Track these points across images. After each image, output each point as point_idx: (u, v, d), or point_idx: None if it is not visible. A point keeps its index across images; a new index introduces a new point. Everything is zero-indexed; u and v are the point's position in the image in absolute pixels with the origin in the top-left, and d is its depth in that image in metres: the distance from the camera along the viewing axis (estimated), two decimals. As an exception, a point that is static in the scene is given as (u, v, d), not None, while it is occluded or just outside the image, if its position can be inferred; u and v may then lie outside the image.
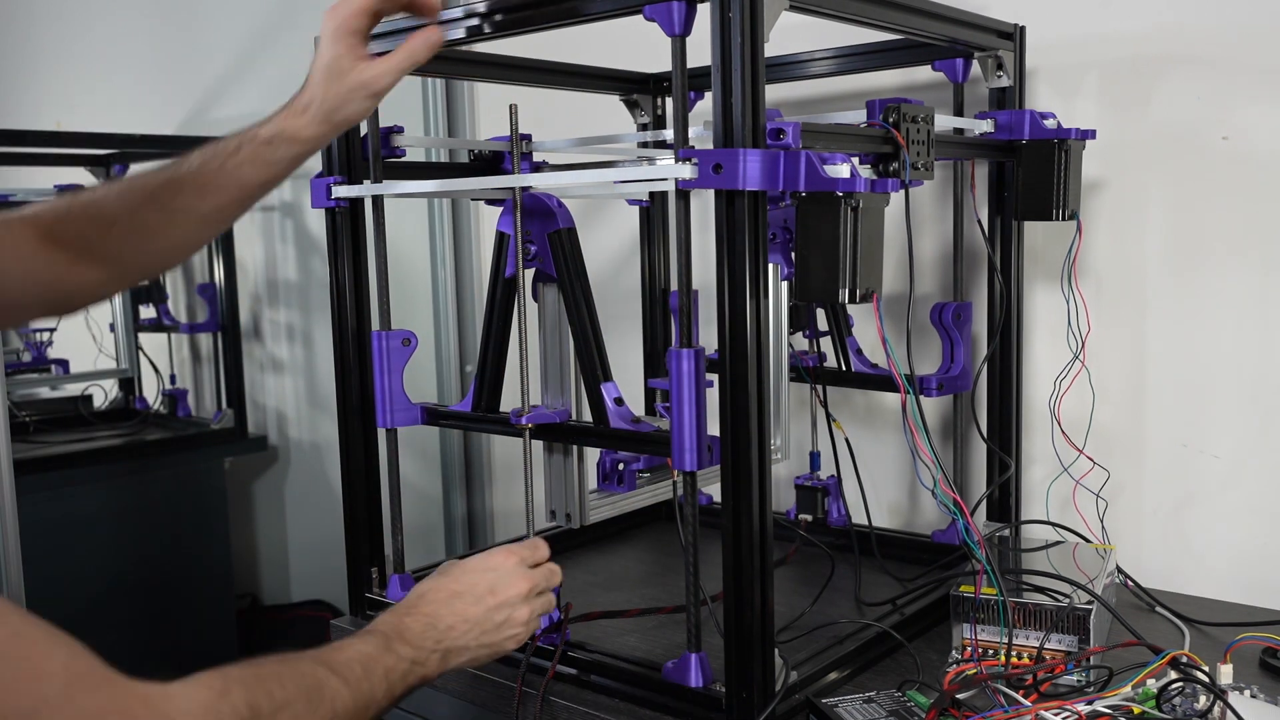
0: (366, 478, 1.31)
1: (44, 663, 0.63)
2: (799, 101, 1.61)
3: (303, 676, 0.79)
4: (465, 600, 0.95)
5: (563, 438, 1.20)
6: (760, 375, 0.94)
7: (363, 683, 0.83)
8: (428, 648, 0.91)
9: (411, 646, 0.90)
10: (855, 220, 0.93)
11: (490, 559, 0.98)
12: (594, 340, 1.16)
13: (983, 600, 1.07)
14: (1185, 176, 1.34)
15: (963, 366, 1.38)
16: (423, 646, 0.91)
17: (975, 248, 1.42)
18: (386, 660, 0.87)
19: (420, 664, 0.90)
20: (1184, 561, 1.39)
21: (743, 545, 0.95)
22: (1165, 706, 0.92)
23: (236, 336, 2.57)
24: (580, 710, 1.06)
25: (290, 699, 0.76)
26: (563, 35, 1.16)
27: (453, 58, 1.35)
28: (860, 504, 1.44)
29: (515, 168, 1.17)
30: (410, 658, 0.89)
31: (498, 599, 0.95)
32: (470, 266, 2.16)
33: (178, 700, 0.69)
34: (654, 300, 1.68)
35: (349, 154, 1.25)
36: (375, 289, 1.26)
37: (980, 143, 1.29)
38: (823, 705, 0.98)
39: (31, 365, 2.65)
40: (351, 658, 0.84)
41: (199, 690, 0.71)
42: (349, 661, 0.84)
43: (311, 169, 1.21)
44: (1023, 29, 1.33)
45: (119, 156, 2.65)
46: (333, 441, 1.44)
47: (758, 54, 0.90)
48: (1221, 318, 1.34)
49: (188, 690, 0.70)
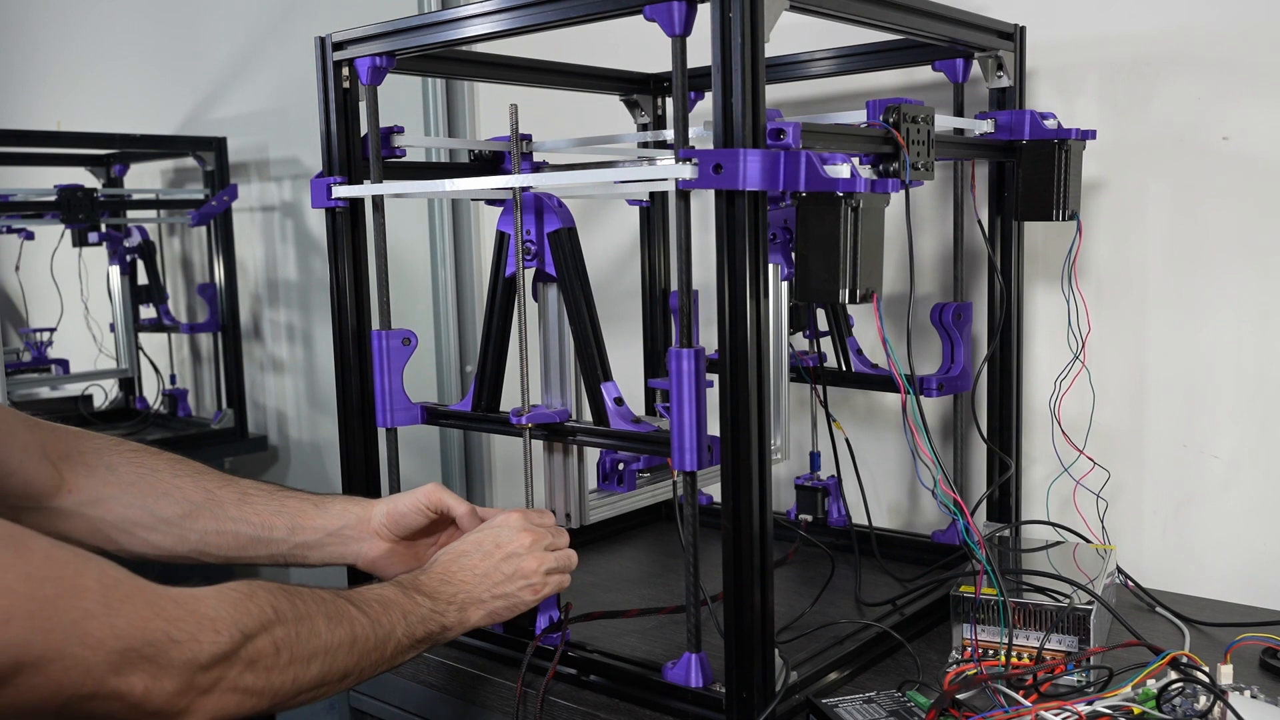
0: (366, 477, 1.31)
1: (78, 579, 0.68)
2: (799, 101, 1.61)
3: (324, 601, 0.85)
4: (472, 556, 1.00)
5: (562, 438, 1.20)
6: (760, 375, 0.94)
7: (382, 617, 0.88)
8: (444, 599, 0.96)
9: (429, 597, 0.95)
10: (855, 220, 0.93)
11: (495, 519, 1.05)
12: (594, 340, 1.16)
13: (983, 600, 1.07)
14: (1186, 177, 1.34)
15: (963, 367, 1.38)
16: (439, 598, 0.95)
17: (975, 248, 1.42)
18: (405, 603, 0.92)
19: (438, 613, 0.94)
20: (1184, 561, 1.39)
21: (743, 545, 0.95)
22: (1165, 707, 0.92)
23: (236, 336, 2.57)
24: (580, 710, 1.06)
25: (312, 612, 0.82)
26: (563, 35, 1.16)
27: (453, 58, 1.36)
28: (860, 504, 1.44)
29: (515, 168, 1.17)
30: (428, 605, 0.94)
31: (503, 551, 1.01)
32: (470, 266, 2.16)
33: (208, 600, 0.75)
34: (654, 300, 1.68)
35: (349, 154, 1.25)
36: (375, 289, 1.26)
37: (980, 143, 1.29)
38: (823, 705, 0.98)
39: (32, 365, 2.66)
40: (371, 597, 0.90)
41: (227, 593, 0.77)
42: (368, 600, 0.89)
43: (312, 169, 1.21)
44: (1023, 29, 1.33)
45: (119, 156, 2.65)
46: (333, 441, 1.45)
47: (758, 54, 0.90)
48: (1222, 318, 1.34)
49: (216, 592, 0.76)
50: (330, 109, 1.24)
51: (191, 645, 0.71)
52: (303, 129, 2.41)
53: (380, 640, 0.87)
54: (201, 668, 0.72)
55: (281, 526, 1.05)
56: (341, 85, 1.24)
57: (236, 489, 1.06)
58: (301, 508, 1.07)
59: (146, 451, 1.05)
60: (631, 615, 1.27)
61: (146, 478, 1.02)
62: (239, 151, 2.59)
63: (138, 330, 2.66)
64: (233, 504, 1.04)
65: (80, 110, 3.14)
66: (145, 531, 1.01)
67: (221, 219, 2.51)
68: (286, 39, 2.47)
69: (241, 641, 0.74)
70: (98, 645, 0.67)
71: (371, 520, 1.08)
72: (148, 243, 2.63)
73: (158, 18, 2.86)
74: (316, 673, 0.81)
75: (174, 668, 0.70)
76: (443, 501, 1.08)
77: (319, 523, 1.06)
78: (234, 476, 1.08)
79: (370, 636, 0.86)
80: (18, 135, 2.43)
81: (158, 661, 0.69)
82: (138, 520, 1.01)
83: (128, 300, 2.62)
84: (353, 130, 1.25)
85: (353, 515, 1.08)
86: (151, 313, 2.67)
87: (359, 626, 0.85)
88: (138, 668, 0.69)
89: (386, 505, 1.08)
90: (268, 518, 1.05)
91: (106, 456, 1.01)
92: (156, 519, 1.01)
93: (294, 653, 0.79)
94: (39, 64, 3.33)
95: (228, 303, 2.55)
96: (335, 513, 1.08)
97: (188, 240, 2.82)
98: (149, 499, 1.01)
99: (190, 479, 1.04)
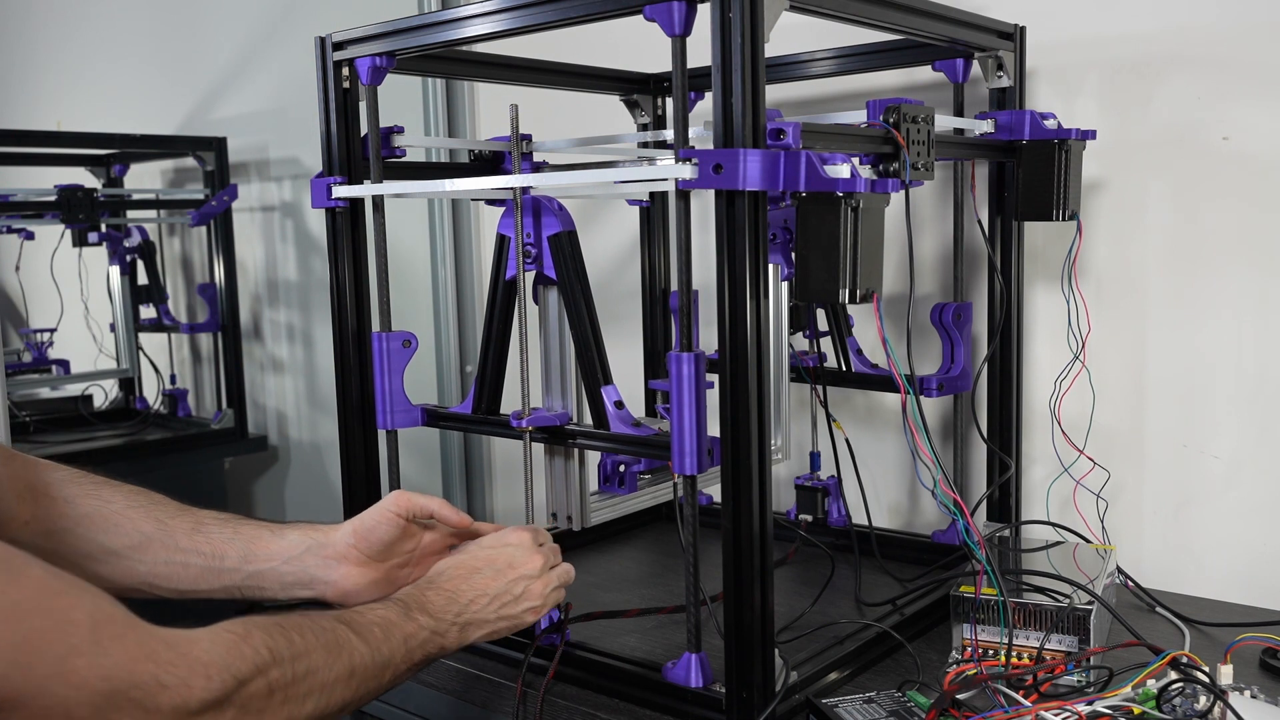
0: (367, 479, 1.31)
1: (71, 611, 0.65)
2: (799, 101, 1.61)
3: (323, 631, 0.82)
4: (484, 575, 0.98)
5: (563, 441, 1.19)
6: (760, 375, 0.94)
7: (382, 645, 0.86)
8: (448, 620, 0.93)
9: (432, 617, 0.92)
10: (855, 220, 0.93)
11: (506, 536, 1.02)
12: (594, 343, 1.16)
13: (983, 600, 1.07)
14: (1186, 177, 1.34)
15: (963, 367, 1.38)
16: (443, 618, 0.93)
17: (975, 248, 1.42)
18: (407, 627, 0.89)
19: (439, 634, 0.92)
20: (1184, 561, 1.39)
21: (743, 545, 0.95)
22: (1165, 707, 0.92)
23: (236, 336, 2.57)
24: (580, 710, 1.06)
25: (310, 648, 0.79)
26: (563, 35, 1.16)
27: (453, 58, 1.35)
28: (860, 504, 1.44)
29: (516, 168, 1.17)
30: (430, 627, 0.91)
31: (517, 572, 0.99)
32: (470, 267, 2.16)
33: (201, 643, 0.72)
34: (654, 300, 1.68)
35: (349, 154, 1.25)
36: (375, 290, 1.25)
37: (980, 143, 1.29)
38: (823, 705, 0.98)
39: (32, 366, 2.66)
40: (372, 620, 0.87)
41: (221, 634, 0.74)
42: (369, 624, 0.87)
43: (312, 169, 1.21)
44: (1023, 29, 1.33)
45: (119, 156, 2.65)
46: (333, 441, 1.44)
47: (758, 54, 0.90)
48: (1222, 318, 1.34)
49: (210, 634, 0.73)
50: (330, 109, 1.24)
51: (181, 691, 0.69)
52: (303, 129, 2.41)
53: (379, 669, 0.85)
54: (190, 714, 0.69)
55: (233, 555, 0.98)
56: (341, 85, 1.23)
57: (191, 519, 1.00)
58: (257, 534, 1.00)
59: (106, 484, 1.00)
60: (631, 615, 1.27)
61: (100, 509, 0.98)
62: (239, 151, 2.59)
63: (138, 330, 2.66)
64: (185, 534, 0.99)
65: (80, 110, 3.14)
66: (94, 564, 0.97)
67: (221, 219, 2.51)
68: (286, 39, 2.47)
69: (235, 687, 0.72)
70: (82, 685, 0.64)
71: (335, 544, 1.00)
72: (148, 243, 2.63)
73: (158, 18, 2.86)
74: (311, 709, 0.79)
75: (161, 713, 0.67)
76: (411, 502, 1.01)
77: (274, 549, 0.99)
78: (193, 508, 1.02)
79: (369, 666, 0.84)
80: (18, 135, 2.43)
81: (145, 706, 0.67)
82: (87, 553, 0.96)
83: (128, 300, 2.62)
84: (353, 130, 1.25)
85: (312, 540, 1.00)
86: (151, 313, 2.67)
87: (358, 657, 0.83)
88: (123, 711, 0.66)
89: (352, 524, 1.02)
90: (219, 546, 0.99)
91: (66, 489, 0.98)
92: (104, 551, 0.97)
93: (289, 693, 0.76)
94: (39, 64, 3.33)
95: (228, 303, 2.55)
96: (293, 539, 1.01)
97: (188, 240, 2.82)
98: (98, 531, 0.97)
99: (143, 510, 0.99)
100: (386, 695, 1.22)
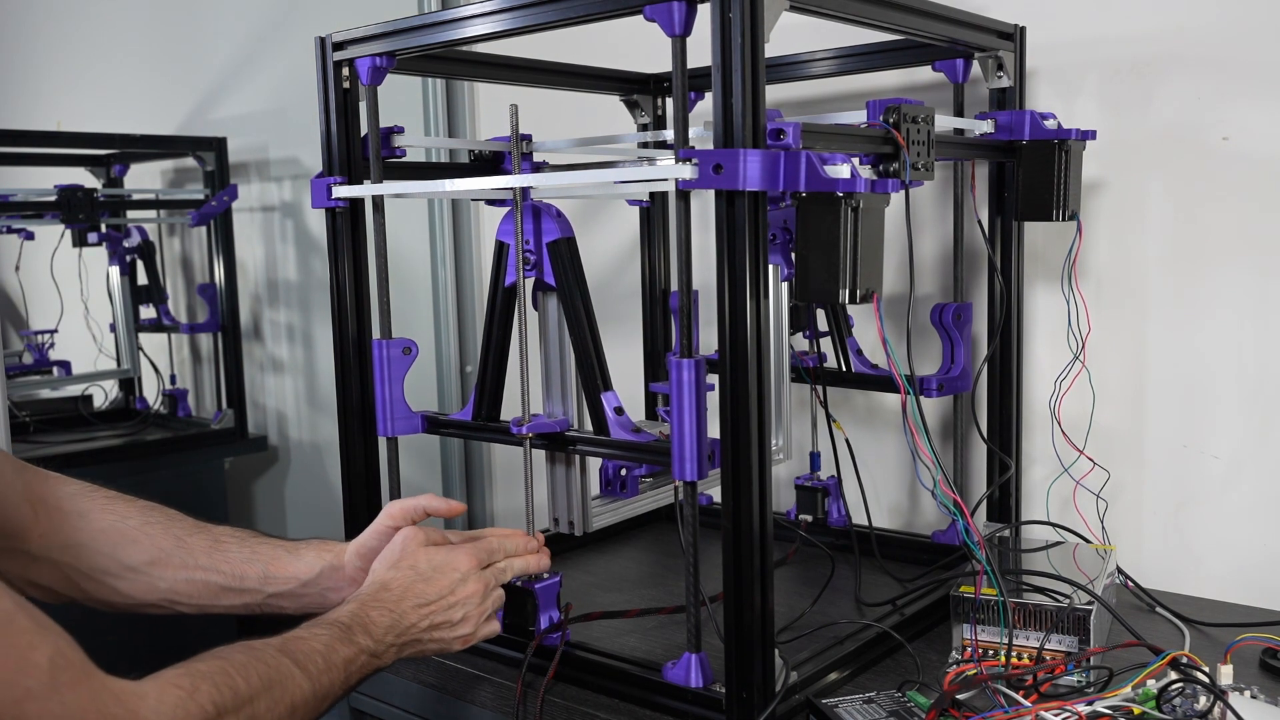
0: (367, 484, 1.31)
1: (31, 653, 0.64)
2: (799, 101, 1.61)
3: (266, 668, 0.82)
4: (429, 603, 0.98)
5: (563, 447, 1.19)
6: (761, 376, 0.94)
7: (323, 675, 0.86)
8: (388, 642, 0.94)
9: (373, 640, 0.93)
10: (855, 220, 0.93)
11: (455, 559, 1.01)
12: (594, 350, 1.15)
13: (983, 601, 1.07)
14: (1186, 177, 1.34)
15: (963, 367, 1.38)
16: (383, 640, 0.94)
17: (975, 248, 1.42)
18: (346, 651, 0.90)
19: (376, 656, 0.93)
20: (1184, 562, 1.39)
21: (743, 546, 0.95)
22: (1165, 707, 0.92)
23: (236, 337, 2.57)
24: (580, 710, 1.06)
25: (254, 693, 0.79)
26: (563, 35, 1.16)
27: (453, 58, 1.35)
28: (860, 504, 1.44)
29: (516, 168, 1.17)
30: (370, 650, 0.92)
31: (456, 598, 1.00)
32: (470, 269, 2.16)
33: (150, 700, 0.71)
34: (654, 300, 1.68)
35: (349, 154, 1.25)
36: (376, 294, 1.25)
37: (980, 143, 1.29)
38: (823, 705, 0.98)
39: (33, 368, 2.66)
40: (314, 649, 0.87)
41: (169, 690, 0.73)
42: (311, 653, 0.87)
43: (312, 169, 1.21)
44: (1023, 29, 1.33)
45: (119, 156, 2.65)
46: (333, 442, 1.44)
47: (758, 54, 0.90)
48: (1222, 318, 1.34)
49: (158, 689, 0.73)
50: (330, 109, 1.24)
51: None
52: (303, 129, 2.41)
53: (319, 701, 0.86)
54: None
55: (253, 576, 1.02)
56: (341, 85, 1.23)
57: (208, 536, 1.03)
58: (274, 555, 1.04)
59: (119, 499, 1.02)
60: (631, 615, 1.27)
61: (117, 525, 0.99)
62: (239, 152, 2.59)
63: (138, 330, 2.66)
64: (203, 552, 1.01)
65: (80, 110, 3.14)
66: (113, 580, 0.98)
67: (221, 219, 2.51)
68: (286, 39, 2.47)
69: None
70: None
71: (345, 567, 1.05)
72: (147, 243, 2.63)
73: (158, 18, 2.86)
74: None
75: None
76: (404, 512, 1.05)
77: (292, 571, 1.04)
78: (207, 524, 1.05)
79: (309, 700, 0.84)
80: (17, 135, 2.43)
81: None
82: (105, 568, 0.98)
83: (128, 300, 2.61)
84: (353, 130, 1.25)
85: (326, 563, 1.05)
86: (151, 313, 2.66)
87: (299, 694, 0.83)
88: None
89: (354, 547, 1.06)
90: (239, 566, 1.02)
91: (80, 502, 0.99)
92: (124, 567, 0.98)
93: None
94: (39, 64, 3.33)
95: (228, 303, 2.54)
96: (309, 560, 1.05)
97: (188, 240, 2.82)
98: (118, 547, 0.98)
99: (160, 526, 1.01)
100: (385, 696, 1.22)
